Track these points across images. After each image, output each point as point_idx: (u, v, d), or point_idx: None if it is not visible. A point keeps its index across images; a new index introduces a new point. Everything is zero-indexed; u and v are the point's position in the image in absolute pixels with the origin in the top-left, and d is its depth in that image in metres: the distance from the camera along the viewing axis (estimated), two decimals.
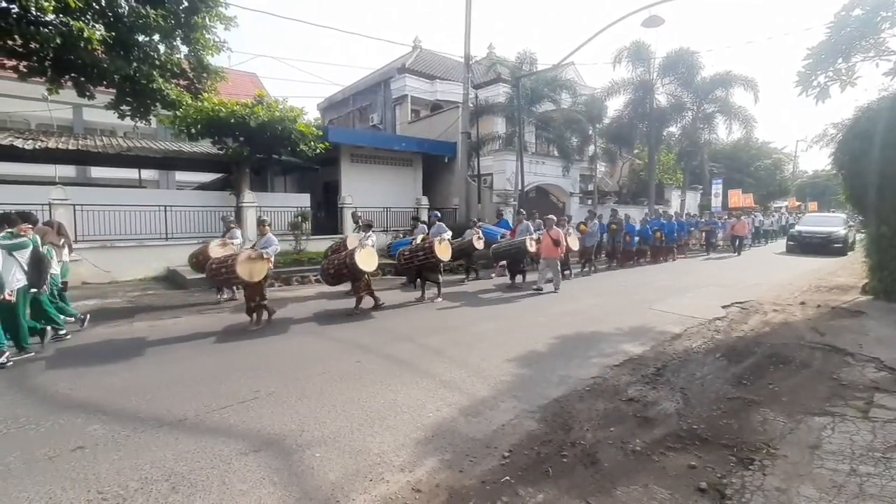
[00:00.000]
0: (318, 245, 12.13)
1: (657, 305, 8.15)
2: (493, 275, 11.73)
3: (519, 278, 10.47)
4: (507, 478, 2.85)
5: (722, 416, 3.70)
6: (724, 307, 7.96)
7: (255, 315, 6.66)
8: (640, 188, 25.28)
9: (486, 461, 3.06)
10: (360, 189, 15.23)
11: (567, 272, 11.06)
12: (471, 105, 16.32)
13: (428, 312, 7.80)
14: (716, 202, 24.39)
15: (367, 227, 8.39)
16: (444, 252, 8.46)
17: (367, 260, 7.49)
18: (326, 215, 15.55)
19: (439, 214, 10.94)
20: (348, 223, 14.50)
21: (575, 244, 10.97)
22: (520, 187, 15.82)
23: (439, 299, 8.56)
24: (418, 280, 8.91)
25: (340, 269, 7.60)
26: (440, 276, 8.77)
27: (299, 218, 12.50)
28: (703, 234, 18.96)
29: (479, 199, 17.37)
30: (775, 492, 2.69)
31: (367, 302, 7.79)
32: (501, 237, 11.13)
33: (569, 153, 19.37)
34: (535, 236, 9.97)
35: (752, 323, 6.92)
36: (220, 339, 6.05)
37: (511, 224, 12.13)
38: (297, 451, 3.16)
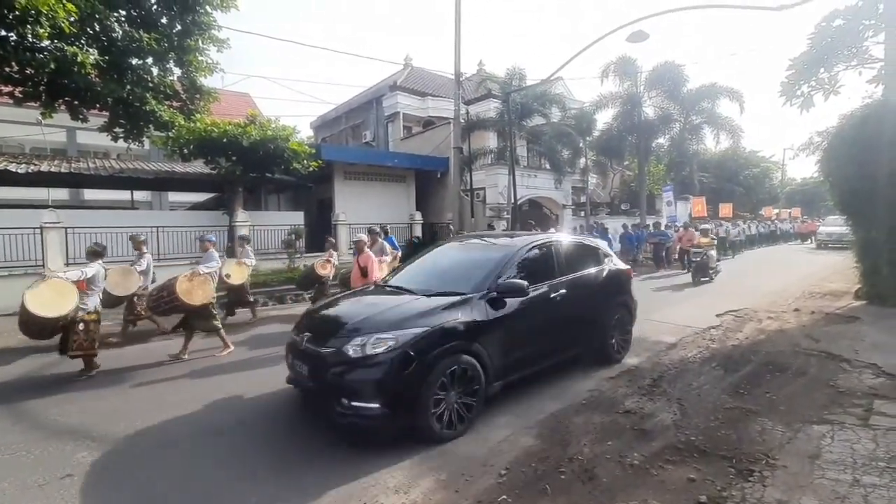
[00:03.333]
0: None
1: (652, 315, 8.13)
2: None
3: None
4: (504, 496, 2.80)
5: (720, 427, 3.67)
6: (718, 315, 7.97)
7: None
8: (632, 199, 25.49)
9: (482, 480, 3.00)
10: (354, 206, 15.26)
11: None
12: (462, 121, 16.46)
13: None
14: (668, 211, 21.98)
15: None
16: (197, 293, 5.88)
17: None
18: (321, 232, 15.54)
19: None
20: (343, 240, 14.48)
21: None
22: (513, 200, 15.90)
23: (225, 352, 6.14)
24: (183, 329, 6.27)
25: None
26: (217, 322, 6.23)
27: (293, 236, 12.48)
28: (652, 247, 16.50)
29: (472, 214, 17.43)
30: None
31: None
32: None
33: (560, 166, 19.54)
34: (386, 258, 8.16)
35: (746, 331, 6.92)
36: (217, 358, 5.97)
37: (396, 242, 10.41)
38: (286, 471, 3.09)
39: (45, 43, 10.08)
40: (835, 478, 2.88)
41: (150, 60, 12.07)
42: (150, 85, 12.14)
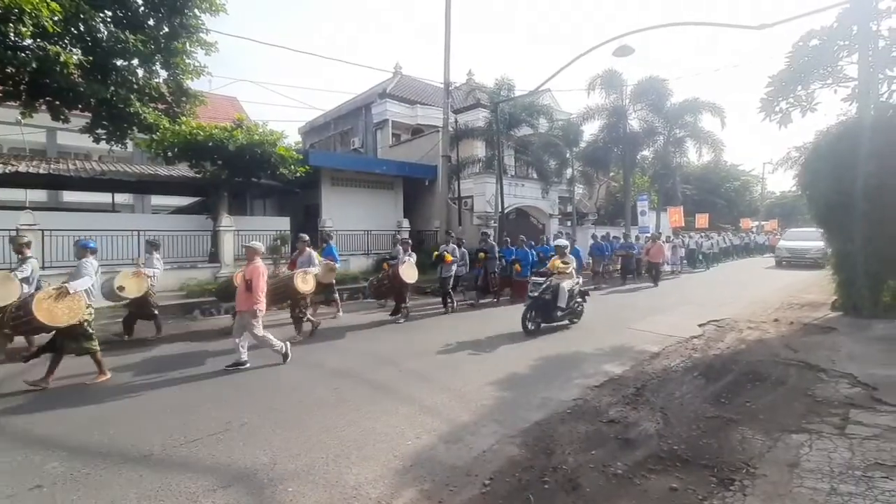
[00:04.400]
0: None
1: (635, 325, 8.22)
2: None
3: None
4: None
5: (701, 436, 3.70)
6: (700, 325, 8.09)
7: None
8: (617, 209, 25.83)
9: (466, 490, 2.97)
10: (341, 212, 15.16)
11: (405, 308, 8.83)
12: (451, 129, 16.57)
13: (409, 335, 7.71)
14: (642, 221, 21.46)
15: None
16: (60, 312, 4.96)
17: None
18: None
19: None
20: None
21: (411, 275, 8.65)
22: (500, 209, 15.99)
23: (101, 379, 5.26)
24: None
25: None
26: (91, 344, 5.29)
27: (278, 241, 12.33)
28: (620, 259, 15.89)
29: (459, 222, 17.48)
30: None
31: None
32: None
33: (547, 176, 19.74)
34: (314, 270, 7.70)
35: (728, 340, 7.03)
36: (191, 368, 5.82)
37: (335, 251, 9.55)
38: (268, 485, 3.03)
39: (28, 42, 9.90)
40: (813, 486, 2.92)
41: (135, 62, 11.93)
42: (135, 86, 11.99)
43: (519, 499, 2.88)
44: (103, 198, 16.97)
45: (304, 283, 7.38)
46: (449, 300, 9.91)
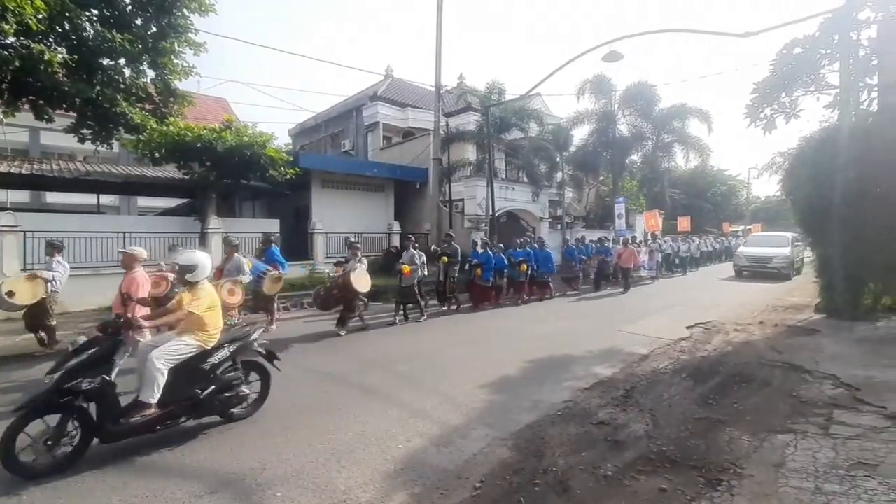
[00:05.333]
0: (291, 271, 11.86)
1: (625, 327, 8.29)
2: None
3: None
4: None
5: (690, 437, 3.74)
6: (688, 328, 8.18)
7: None
8: (607, 213, 26.06)
9: (457, 493, 2.97)
10: (332, 214, 15.10)
11: (353, 316, 8.00)
12: (442, 132, 16.61)
13: (400, 337, 7.69)
14: (619, 224, 20.53)
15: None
16: None
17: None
18: (296, 241, 15.30)
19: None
20: (318, 248, 14.27)
21: (363, 283, 7.71)
22: (491, 212, 16.04)
23: None
24: None
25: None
26: None
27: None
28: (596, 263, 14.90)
29: (450, 225, 17.48)
30: None
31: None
32: (264, 273, 7.62)
33: (538, 179, 19.87)
34: (243, 278, 6.92)
35: (715, 343, 7.12)
36: None
37: (279, 255, 8.29)
38: (256, 491, 2.99)
39: (11, 40, 9.71)
40: (798, 486, 2.96)
41: (122, 61, 11.76)
42: (122, 86, 11.81)
43: (510, 501, 2.88)
44: (88, 199, 16.68)
45: (232, 295, 6.37)
46: (415, 308, 9.14)
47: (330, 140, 25.26)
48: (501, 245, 12.44)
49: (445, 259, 10.11)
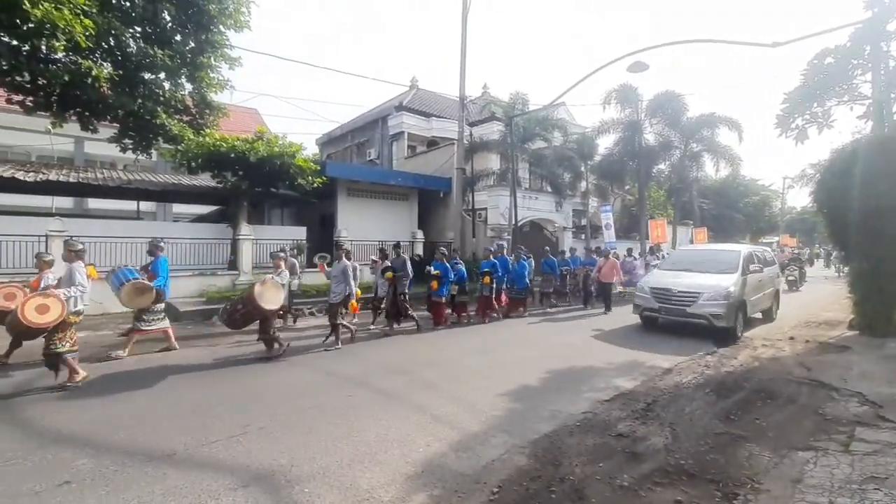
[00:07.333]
0: (314, 277, 12.18)
1: (649, 338, 8.21)
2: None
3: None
4: None
5: (709, 451, 3.74)
6: (715, 342, 8.04)
7: None
8: (632, 223, 25.73)
9: (475, 497, 3.07)
10: (356, 222, 15.44)
11: (271, 339, 6.70)
12: (466, 142, 16.82)
13: (420, 345, 7.82)
14: (607, 235, 18.73)
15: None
16: None
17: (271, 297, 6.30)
18: (322, 248, 15.70)
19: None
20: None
21: (271, 299, 6.39)
22: (514, 222, 16.10)
23: None
24: None
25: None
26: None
27: (295, 251, 12.61)
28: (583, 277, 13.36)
29: (473, 234, 17.62)
30: None
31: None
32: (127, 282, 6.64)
33: (561, 189, 19.84)
34: (71, 292, 5.34)
35: (741, 358, 7.00)
36: (210, 372, 6.02)
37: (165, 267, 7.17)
38: (286, 486, 3.16)
39: (60, 55, 10.39)
40: (813, 500, 2.97)
41: (162, 75, 12.45)
42: (162, 99, 12.49)
43: None
44: (127, 205, 17.53)
45: (40, 314, 5.07)
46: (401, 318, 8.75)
47: (356, 149, 25.81)
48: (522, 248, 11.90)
49: (390, 275, 8.80)
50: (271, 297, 6.38)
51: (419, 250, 16.11)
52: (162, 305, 7.01)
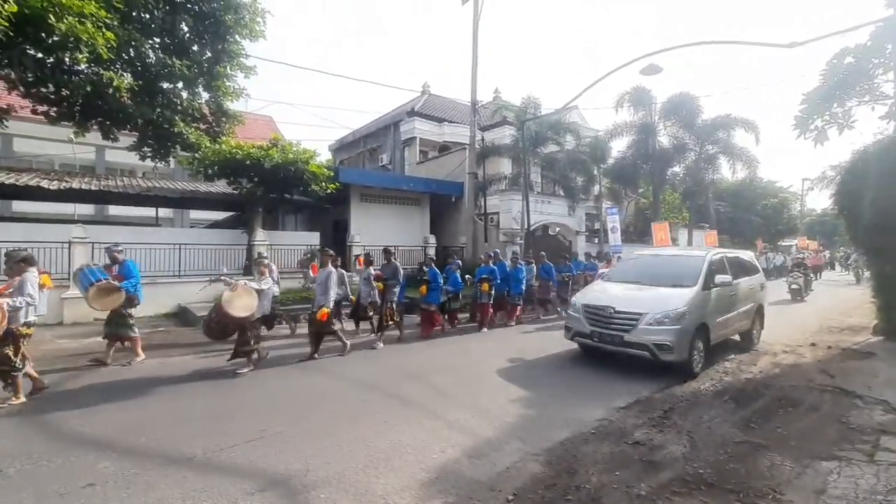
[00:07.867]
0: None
1: None
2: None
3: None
4: None
5: (728, 461, 3.67)
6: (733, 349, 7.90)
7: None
8: (647, 226, 25.44)
9: None
10: (369, 227, 15.54)
11: (249, 350, 6.33)
12: (477, 146, 16.84)
13: (435, 350, 7.82)
14: (613, 238, 18.07)
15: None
16: None
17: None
18: (337, 253, 15.84)
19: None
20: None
21: (241, 306, 6.02)
22: (526, 226, 16.05)
23: None
24: None
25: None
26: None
27: (309, 256, 12.73)
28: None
29: (485, 238, 17.60)
30: None
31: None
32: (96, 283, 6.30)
33: (574, 193, 19.72)
34: (20, 301, 4.81)
35: (761, 364, 6.86)
36: (228, 377, 6.10)
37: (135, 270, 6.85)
38: (302, 491, 3.19)
39: (83, 67, 10.70)
40: None
41: (180, 85, 12.72)
42: (179, 108, 12.76)
43: None
44: (146, 212, 17.93)
45: None
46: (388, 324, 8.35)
47: (368, 155, 26.02)
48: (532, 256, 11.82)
49: (381, 286, 8.52)
50: (242, 305, 6.03)
51: (431, 254, 16.15)
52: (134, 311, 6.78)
